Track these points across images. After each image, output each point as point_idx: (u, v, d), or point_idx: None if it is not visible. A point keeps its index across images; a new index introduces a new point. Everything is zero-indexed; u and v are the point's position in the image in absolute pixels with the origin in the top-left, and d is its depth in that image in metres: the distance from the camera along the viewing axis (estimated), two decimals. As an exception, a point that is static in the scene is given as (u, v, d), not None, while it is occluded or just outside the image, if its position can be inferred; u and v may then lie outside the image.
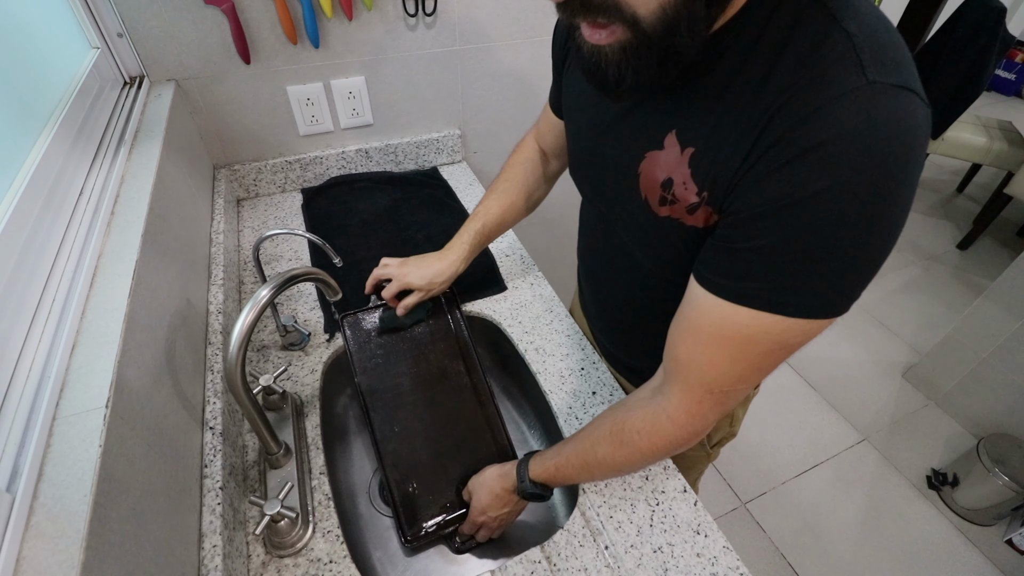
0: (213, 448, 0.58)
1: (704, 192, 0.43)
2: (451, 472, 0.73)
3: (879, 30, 0.36)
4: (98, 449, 0.38)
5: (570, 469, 0.59)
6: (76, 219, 0.59)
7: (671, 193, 0.46)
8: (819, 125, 0.34)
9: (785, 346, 0.42)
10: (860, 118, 0.33)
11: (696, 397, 0.48)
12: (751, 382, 0.46)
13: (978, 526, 1.54)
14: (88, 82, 0.77)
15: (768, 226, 0.38)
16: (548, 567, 0.59)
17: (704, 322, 0.44)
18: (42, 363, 0.44)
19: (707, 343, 0.45)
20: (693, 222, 0.46)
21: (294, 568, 0.58)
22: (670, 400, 0.50)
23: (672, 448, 0.52)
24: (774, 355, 0.43)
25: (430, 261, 0.79)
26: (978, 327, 1.69)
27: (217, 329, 0.72)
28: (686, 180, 0.44)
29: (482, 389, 0.79)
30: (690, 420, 0.49)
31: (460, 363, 0.82)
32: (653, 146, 0.47)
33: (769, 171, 0.37)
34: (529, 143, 0.81)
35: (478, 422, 0.77)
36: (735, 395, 0.47)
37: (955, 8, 2.31)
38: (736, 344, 0.43)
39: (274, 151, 1.12)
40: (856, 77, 0.34)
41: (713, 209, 0.43)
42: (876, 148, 0.33)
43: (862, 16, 0.36)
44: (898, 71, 0.35)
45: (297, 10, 0.95)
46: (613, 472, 0.60)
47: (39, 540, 0.34)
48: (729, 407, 0.49)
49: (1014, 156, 2.45)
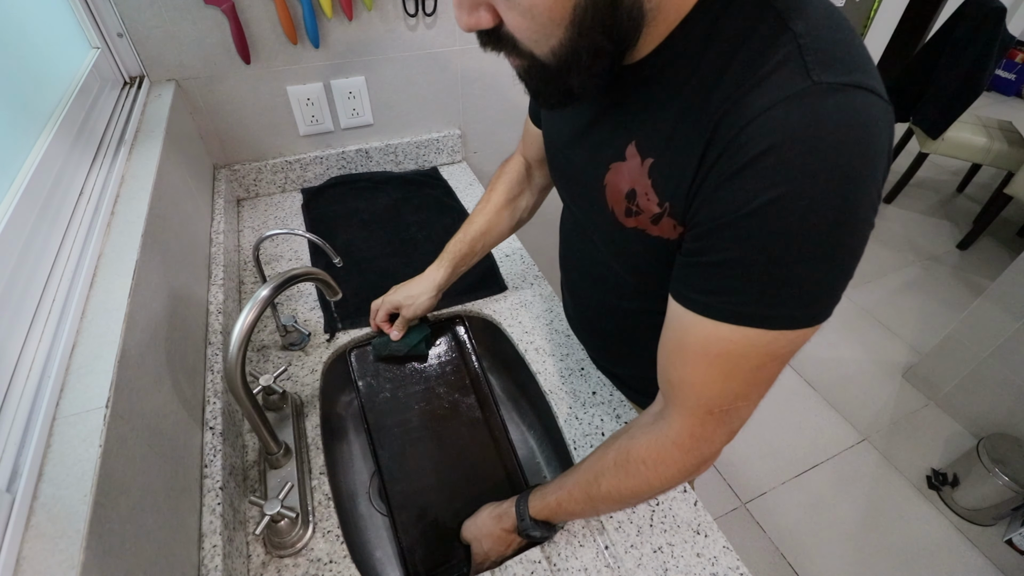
0: (213, 448, 0.58)
1: (666, 203, 0.43)
2: (462, 515, 0.68)
3: (828, 28, 0.35)
4: (98, 449, 0.38)
5: (573, 504, 0.55)
6: (76, 219, 0.59)
7: (635, 204, 0.46)
8: (764, 131, 0.34)
9: (776, 357, 0.41)
10: (805, 120, 0.33)
11: (698, 420, 0.46)
12: (751, 399, 0.44)
13: (978, 526, 1.54)
14: (88, 82, 0.77)
15: (730, 238, 0.37)
16: (548, 567, 0.59)
17: (689, 341, 0.43)
18: (42, 363, 0.44)
19: (696, 362, 0.43)
20: (659, 232, 0.45)
21: (294, 568, 0.58)
22: (672, 426, 0.47)
23: (682, 476, 0.49)
24: (767, 368, 0.42)
25: (413, 281, 0.80)
26: (978, 327, 1.69)
27: (217, 329, 0.72)
28: (647, 191, 0.44)
29: (495, 424, 0.78)
30: (696, 444, 0.47)
31: (472, 396, 0.80)
32: (616, 157, 0.47)
33: (721, 181, 0.36)
34: (515, 156, 0.81)
35: (491, 460, 0.75)
36: (737, 414, 0.45)
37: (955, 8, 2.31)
38: (726, 360, 0.41)
39: (274, 151, 1.12)
40: (800, 79, 0.33)
41: (676, 221, 0.43)
42: (826, 149, 0.32)
43: (811, 14, 0.36)
44: (847, 69, 0.34)
45: (297, 10, 0.95)
46: (619, 505, 0.56)
47: (39, 540, 0.34)
48: (734, 427, 0.47)
49: (1014, 156, 2.45)
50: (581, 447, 0.70)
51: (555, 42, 0.37)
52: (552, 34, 0.37)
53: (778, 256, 0.36)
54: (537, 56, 0.39)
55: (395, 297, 0.79)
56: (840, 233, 0.35)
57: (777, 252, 0.35)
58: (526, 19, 0.37)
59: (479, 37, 0.41)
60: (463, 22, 0.39)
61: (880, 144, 0.34)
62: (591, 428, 0.72)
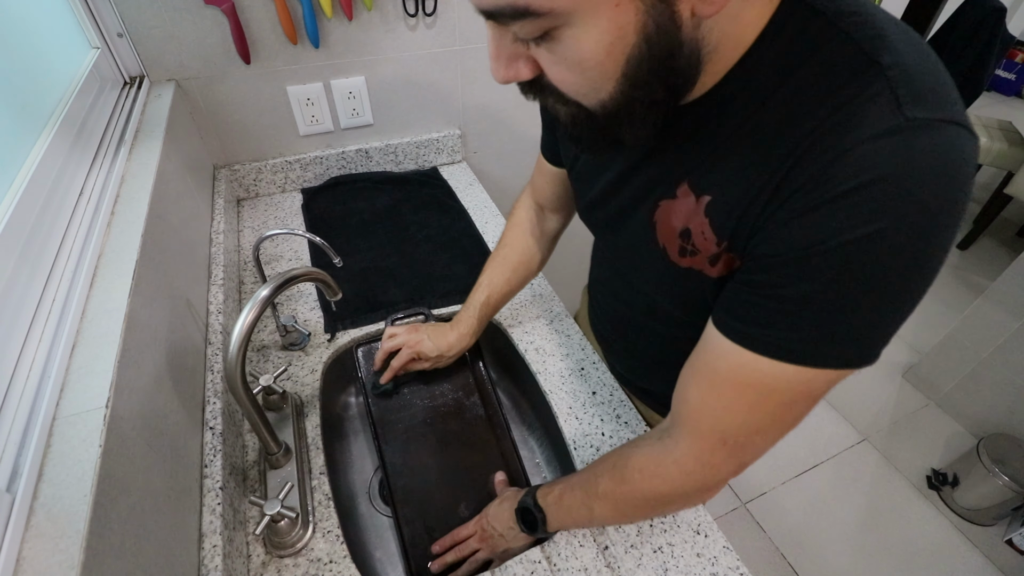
0: (213, 448, 0.58)
1: (724, 241, 0.41)
2: (463, 511, 0.70)
3: (916, 60, 0.33)
4: (98, 449, 0.38)
5: (573, 500, 0.55)
6: (76, 219, 0.59)
7: (691, 244, 0.44)
8: (854, 168, 0.32)
9: (809, 396, 0.39)
10: (898, 159, 0.31)
11: (708, 445, 0.44)
12: (771, 436, 0.42)
13: (978, 526, 1.54)
14: (88, 82, 0.77)
15: (795, 273, 0.35)
16: (548, 567, 0.59)
17: (721, 365, 0.41)
18: (42, 363, 0.43)
19: (723, 388, 0.41)
20: (717, 273, 0.43)
21: (294, 568, 0.58)
22: (678, 445, 0.46)
23: (674, 496, 0.48)
24: (798, 407, 0.40)
25: (443, 331, 0.76)
26: (978, 327, 1.69)
27: (217, 329, 0.72)
28: (704, 229, 0.42)
29: (498, 422, 0.78)
30: (699, 468, 0.45)
31: (474, 395, 0.80)
32: (667, 195, 0.45)
33: (797, 215, 0.34)
34: (525, 201, 0.78)
35: (492, 458, 0.75)
36: (752, 449, 0.43)
37: (955, 8, 2.31)
38: (755, 392, 0.39)
39: (274, 151, 1.12)
40: (892, 115, 0.31)
41: (735, 255, 0.41)
42: (918, 192, 0.31)
43: (896, 46, 0.33)
44: (940, 104, 0.32)
45: (297, 10, 0.95)
46: (613, 511, 0.53)
47: (39, 540, 0.34)
48: (746, 460, 0.44)
49: (1014, 156, 2.45)
50: (581, 447, 0.70)
51: (605, 96, 0.35)
52: (602, 88, 0.35)
53: (847, 295, 0.34)
54: (585, 106, 0.37)
55: (423, 346, 0.75)
56: (914, 277, 0.33)
57: (847, 291, 0.34)
58: (573, 73, 0.35)
59: (520, 86, 0.39)
60: (499, 75, 0.37)
61: (967, 186, 0.32)
62: (591, 428, 0.72)
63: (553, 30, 0.33)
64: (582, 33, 0.32)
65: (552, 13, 0.31)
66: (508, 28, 0.34)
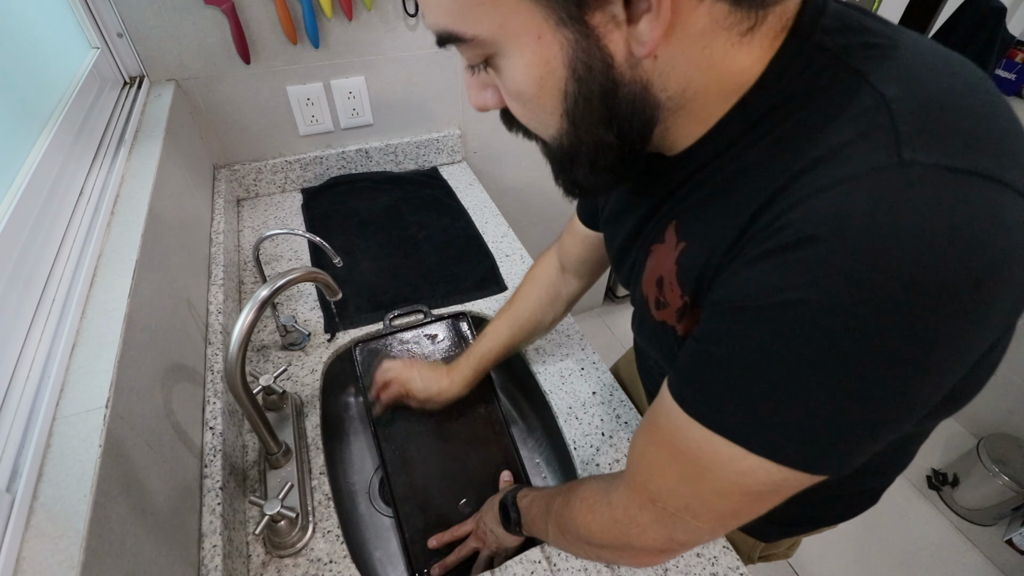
0: (213, 448, 0.58)
1: (686, 296, 0.37)
2: (463, 508, 0.70)
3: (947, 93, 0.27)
4: (98, 449, 0.38)
5: (537, 510, 0.54)
6: (76, 219, 0.59)
7: (663, 295, 0.40)
8: (815, 214, 0.26)
9: (747, 492, 0.33)
10: (876, 209, 0.24)
11: (638, 500, 0.40)
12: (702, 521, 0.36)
13: (978, 526, 1.54)
14: (88, 82, 0.77)
15: (727, 328, 0.31)
16: (548, 567, 0.59)
17: (661, 422, 0.37)
18: (42, 363, 0.43)
19: (660, 446, 0.37)
20: (682, 330, 0.39)
21: (294, 568, 0.58)
22: (619, 489, 0.43)
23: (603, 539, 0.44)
24: (734, 499, 0.34)
25: (437, 374, 0.74)
26: (978, 327, 1.69)
27: (217, 329, 0.72)
28: (672, 280, 0.39)
29: (497, 422, 0.78)
30: (626, 521, 0.41)
31: (475, 394, 0.80)
32: (658, 239, 0.42)
33: (748, 263, 0.30)
34: (549, 259, 0.74)
35: (493, 458, 0.75)
36: (683, 526, 0.37)
37: (955, 8, 2.31)
38: (688, 463, 0.35)
39: (274, 151, 1.12)
40: (880, 154, 0.25)
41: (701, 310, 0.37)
42: (897, 258, 0.24)
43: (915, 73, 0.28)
44: (969, 148, 0.25)
45: (297, 10, 0.95)
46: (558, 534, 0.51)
47: (39, 540, 0.34)
48: (676, 537, 0.39)
49: (1014, 156, 2.45)
50: (581, 447, 0.70)
51: (554, 131, 0.35)
52: (549, 123, 0.34)
53: (779, 371, 0.28)
54: (546, 140, 0.37)
55: (413, 384, 0.73)
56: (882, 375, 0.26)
57: (778, 365, 0.28)
58: (518, 104, 0.35)
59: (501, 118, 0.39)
60: (473, 100, 0.38)
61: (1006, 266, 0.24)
62: (591, 428, 0.72)
63: (491, 58, 0.33)
64: (511, 64, 0.32)
65: (477, 40, 0.31)
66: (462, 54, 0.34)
